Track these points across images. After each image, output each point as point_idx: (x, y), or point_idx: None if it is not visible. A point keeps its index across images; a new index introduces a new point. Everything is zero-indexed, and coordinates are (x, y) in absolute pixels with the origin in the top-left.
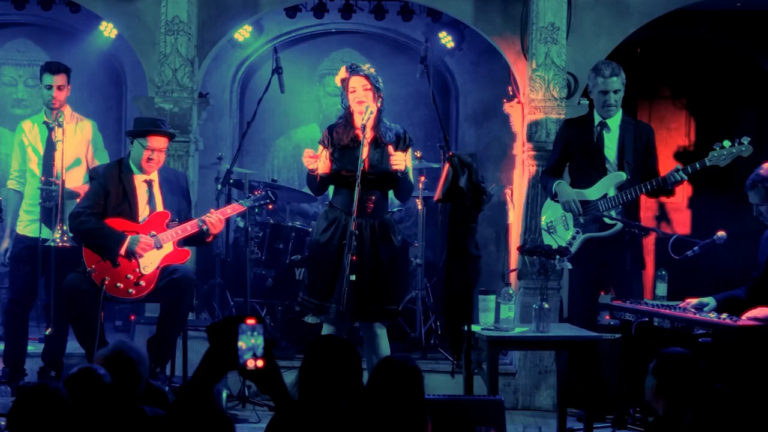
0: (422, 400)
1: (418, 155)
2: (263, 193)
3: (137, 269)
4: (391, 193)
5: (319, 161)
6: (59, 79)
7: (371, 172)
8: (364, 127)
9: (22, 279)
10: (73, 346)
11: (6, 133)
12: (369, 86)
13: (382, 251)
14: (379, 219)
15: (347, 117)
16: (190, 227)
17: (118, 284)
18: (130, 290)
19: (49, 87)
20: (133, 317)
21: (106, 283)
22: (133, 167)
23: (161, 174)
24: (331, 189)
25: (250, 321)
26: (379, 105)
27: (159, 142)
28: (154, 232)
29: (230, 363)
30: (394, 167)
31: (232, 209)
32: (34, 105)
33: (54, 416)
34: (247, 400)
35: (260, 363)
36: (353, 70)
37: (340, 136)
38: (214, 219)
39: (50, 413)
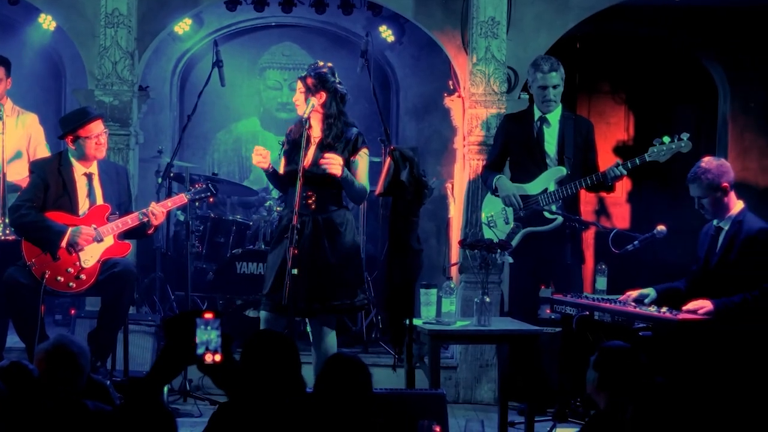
0: (371, 397)
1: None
2: (204, 186)
3: (78, 263)
4: None
5: (276, 159)
6: None
7: (309, 170)
8: (307, 120)
9: None
10: (12, 340)
11: None
12: (302, 89)
13: (327, 247)
14: (324, 215)
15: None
16: (130, 220)
17: (59, 278)
18: (71, 284)
19: None
20: (73, 311)
21: (47, 276)
22: (72, 161)
23: (101, 167)
24: None
25: (208, 315)
26: (321, 101)
27: (96, 127)
28: (94, 226)
29: (187, 357)
30: (329, 170)
31: (173, 202)
32: None
33: None
34: (188, 394)
35: (218, 357)
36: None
37: (293, 134)
38: (156, 211)
39: None
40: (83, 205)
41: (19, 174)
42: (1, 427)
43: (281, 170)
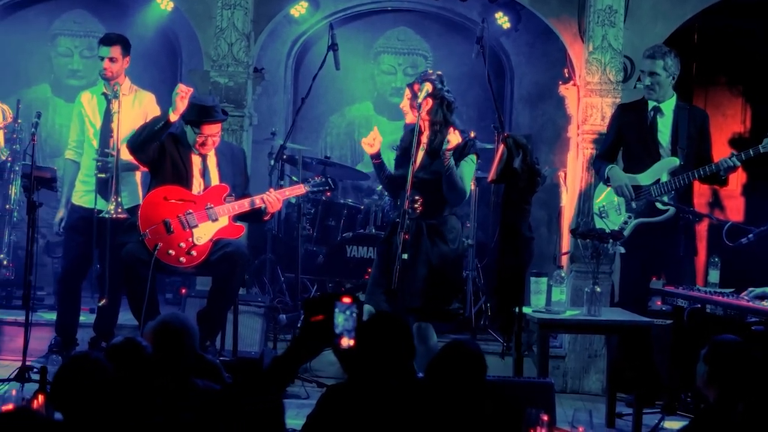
0: (483, 386)
1: (472, 135)
2: (323, 179)
3: (191, 238)
4: None
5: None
6: (112, 51)
7: (415, 174)
8: (419, 106)
9: (76, 249)
10: (124, 317)
11: (61, 104)
12: (410, 95)
13: (428, 251)
14: (430, 220)
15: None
16: (247, 204)
17: (170, 251)
18: (182, 258)
19: (102, 58)
20: (184, 290)
21: (159, 248)
22: (190, 143)
23: (218, 147)
24: None
25: (347, 299)
26: (427, 108)
27: (212, 129)
28: (210, 204)
29: (325, 339)
30: (448, 141)
31: (291, 191)
32: (90, 76)
33: (95, 385)
34: (296, 376)
35: (352, 342)
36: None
37: (404, 141)
38: (273, 198)
39: (90, 382)
40: (197, 183)
41: None
42: (107, 405)
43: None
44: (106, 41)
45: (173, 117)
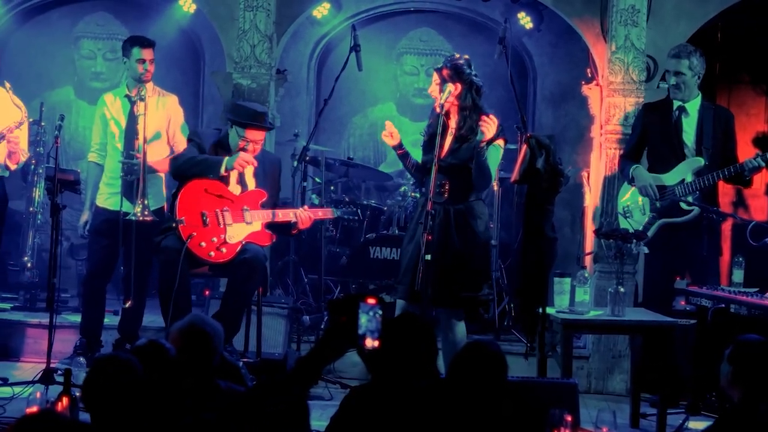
0: (504, 386)
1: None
2: (354, 209)
3: (223, 235)
4: None
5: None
6: (151, 53)
7: (444, 159)
8: (441, 106)
9: (101, 252)
10: (148, 319)
11: (84, 106)
12: (438, 80)
13: (456, 237)
14: (457, 206)
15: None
16: (281, 214)
17: (202, 243)
18: (212, 253)
19: (142, 61)
20: (207, 292)
21: (192, 238)
22: (231, 144)
23: (256, 155)
24: None
25: (371, 300)
26: (457, 93)
27: (256, 135)
28: (247, 207)
29: (350, 340)
30: (482, 130)
31: (324, 213)
32: (113, 78)
33: (126, 386)
34: (319, 377)
35: (377, 343)
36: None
37: (431, 126)
38: (305, 216)
39: (122, 383)
40: (233, 188)
41: (158, 155)
42: (137, 406)
43: (420, 160)
44: (146, 43)
45: (224, 172)
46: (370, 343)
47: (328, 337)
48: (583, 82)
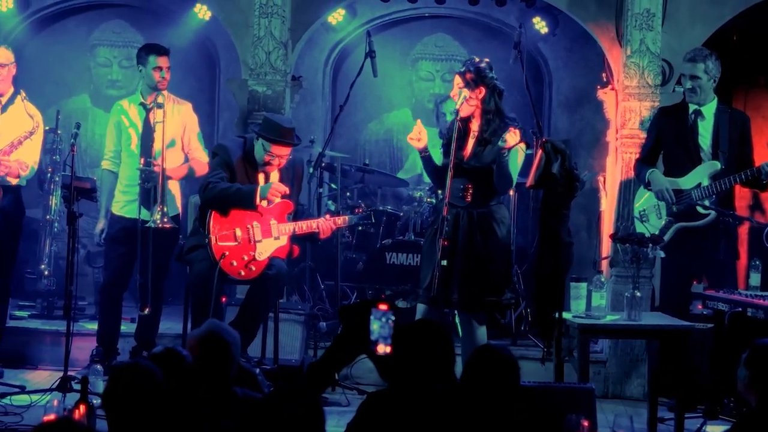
0: (517, 390)
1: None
2: (366, 213)
3: (253, 252)
4: None
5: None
6: (167, 61)
7: (466, 162)
8: (457, 112)
9: (118, 260)
10: (165, 325)
11: (101, 114)
12: (461, 83)
13: (479, 241)
14: (480, 209)
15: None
16: (306, 226)
17: (234, 262)
18: (242, 272)
19: (159, 69)
20: (224, 299)
21: (225, 257)
22: (256, 158)
23: None
24: None
25: (383, 306)
26: (481, 96)
27: (282, 150)
28: (274, 220)
29: (361, 346)
30: (506, 141)
31: (343, 221)
32: (129, 86)
33: (147, 394)
34: (336, 384)
35: (389, 349)
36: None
37: (450, 128)
38: (326, 226)
39: (143, 391)
40: (257, 198)
41: (173, 162)
42: (157, 414)
43: (439, 163)
44: (162, 51)
45: (258, 202)
46: (382, 348)
47: (338, 342)
48: (598, 87)
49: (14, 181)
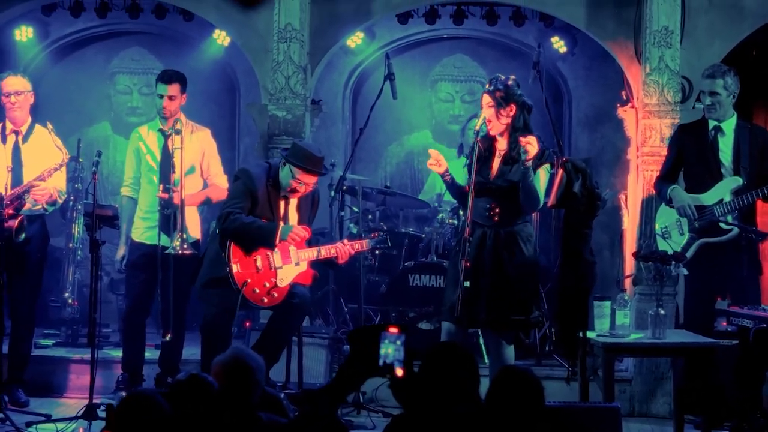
0: (541, 411)
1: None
2: (382, 236)
3: (274, 279)
4: None
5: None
6: (172, 89)
7: (493, 182)
8: (477, 133)
9: (139, 287)
10: (189, 352)
11: (122, 142)
12: (492, 102)
13: (506, 260)
14: (507, 228)
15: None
16: (324, 251)
17: (256, 289)
18: (264, 299)
19: (161, 96)
20: (248, 324)
21: (246, 285)
22: (281, 184)
23: None
24: None
25: (393, 329)
26: (512, 114)
27: (310, 179)
28: (293, 247)
29: (371, 369)
30: (526, 150)
31: (360, 245)
32: (149, 113)
33: (151, 423)
34: (362, 407)
35: (400, 372)
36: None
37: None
38: (344, 251)
39: (147, 421)
40: (277, 239)
41: (192, 189)
42: None
43: (463, 183)
44: (165, 79)
45: (277, 243)
46: (396, 371)
47: (347, 367)
48: (618, 105)
49: (49, 209)
